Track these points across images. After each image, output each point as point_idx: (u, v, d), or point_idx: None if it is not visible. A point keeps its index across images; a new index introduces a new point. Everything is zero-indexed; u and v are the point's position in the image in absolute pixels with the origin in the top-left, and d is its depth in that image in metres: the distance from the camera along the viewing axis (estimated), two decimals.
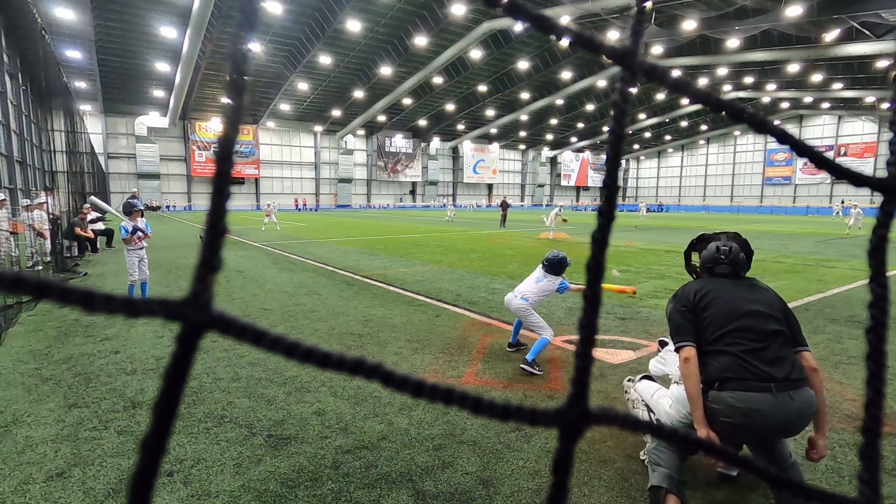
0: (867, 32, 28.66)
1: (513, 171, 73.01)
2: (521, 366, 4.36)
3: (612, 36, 31.64)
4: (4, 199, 8.96)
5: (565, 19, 27.12)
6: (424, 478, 2.76)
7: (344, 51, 36.22)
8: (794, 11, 26.15)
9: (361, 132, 56.62)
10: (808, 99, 48.04)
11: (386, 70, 38.36)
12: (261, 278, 9.02)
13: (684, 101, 53.91)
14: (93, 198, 7.49)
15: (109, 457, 2.92)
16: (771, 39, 32.63)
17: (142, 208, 7.17)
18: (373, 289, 8.13)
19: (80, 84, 36.65)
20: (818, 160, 0.42)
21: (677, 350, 2.35)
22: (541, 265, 4.69)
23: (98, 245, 12.84)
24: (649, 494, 2.37)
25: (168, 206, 45.36)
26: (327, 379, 4.08)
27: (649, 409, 2.80)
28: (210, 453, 2.97)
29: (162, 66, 35.56)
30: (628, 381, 3.18)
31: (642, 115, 57.83)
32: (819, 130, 58.03)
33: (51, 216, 10.14)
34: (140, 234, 6.76)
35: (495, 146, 68.09)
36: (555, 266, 4.57)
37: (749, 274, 2.62)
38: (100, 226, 13.61)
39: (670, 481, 2.26)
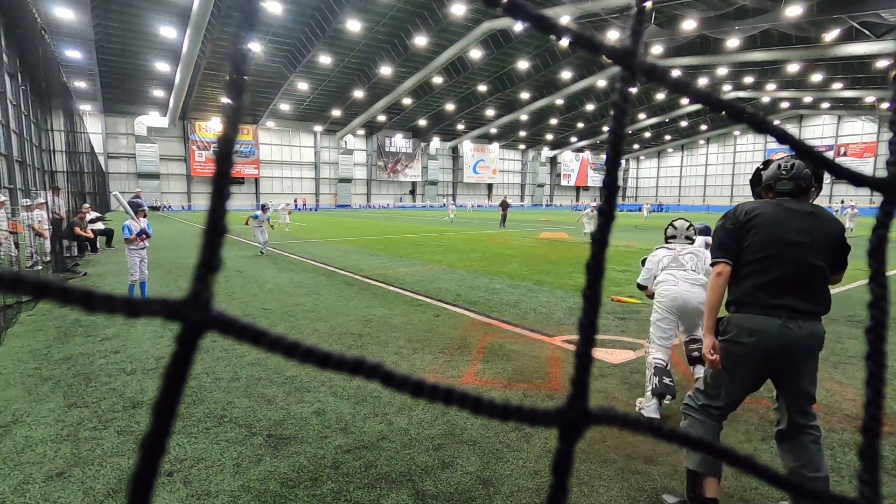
0: (867, 32, 28.67)
1: (513, 171, 73.01)
2: None
3: (612, 36, 31.63)
4: (4, 200, 8.97)
5: (565, 19, 27.12)
6: (424, 478, 2.76)
7: (344, 51, 36.23)
8: (794, 11, 26.16)
9: (361, 132, 56.63)
10: (808, 99, 48.06)
11: (386, 70, 38.37)
12: (261, 278, 9.02)
13: (684, 101, 53.91)
14: (117, 194, 7.50)
15: (109, 457, 2.92)
16: (771, 39, 32.64)
17: (146, 208, 7.18)
18: (373, 289, 8.13)
19: (80, 84, 36.66)
20: (818, 160, 0.42)
21: (713, 264, 2.38)
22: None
23: (98, 245, 12.84)
24: (686, 476, 2.36)
25: (165, 207, 45.32)
26: (327, 379, 4.08)
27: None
28: (210, 453, 2.97)
29: (162, 66, 35.56)
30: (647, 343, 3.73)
31: (642, 115, 57.83)
32: (819, 130, 58.05)
33: (56, 216, 10.15)
34: (144, 234, 6.77)
35: (495, 146, 68.10)
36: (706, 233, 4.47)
37: None
38: (99, 226, 13.61)
39: (707, 464, 2.27)
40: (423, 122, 57.01)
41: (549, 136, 66.55)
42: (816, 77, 40.68)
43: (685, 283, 3.65)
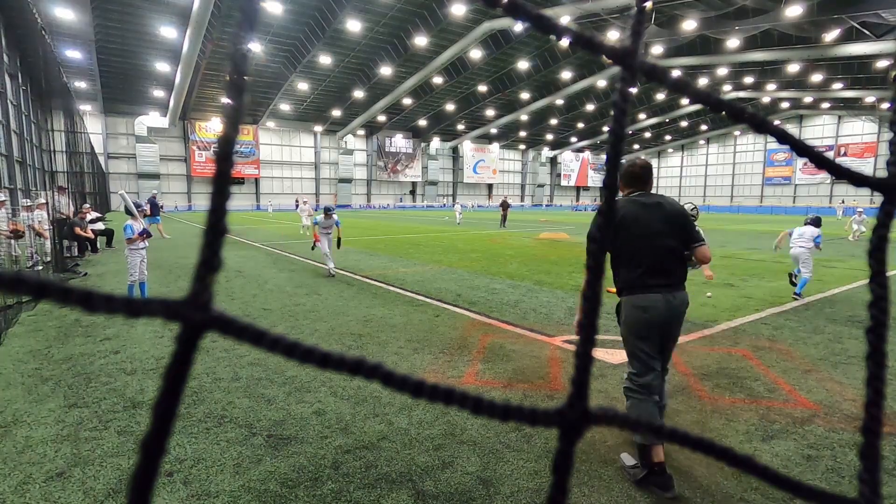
0: (867, 32, 28.67)
1: (513, 171, 73.00)
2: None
3: (612, 36, 31.63)
4: (5, 200, 8.96)
5: (565, 19, 27.12)
6: (424, 478, 2.76)
7: (344, 51, 36.22)
8: (794, 11, 26.15)
9: (361, 132, 56.62)
10: (808, 99, 48.04)
11: (386, 70, 38.36)
12: (261, 278, 9.02)
13: (684, 101, 53.92)
14: (123, 193, 7.52)
15: (109, 457, 2.92)
16: (771, 39, 32.63)
17: (146, 209, 7.20)
18: (373, 289, 8.13)
19: (80, 84, 36.65)
20: (818, 160, 0.42)
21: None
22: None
23: (98, 245, 12.84)
24: (637, 450, 2.81)
25: (174, 208, 45.36)
26: (327, 379, 4.08)
27: None
28: (210, 453, 2.97)
29: (162, 66, 35.55)
30: None
31: (642, 115, 57.82)
32: (819, 130, 58.03)
33: (62, 216, 10.15)
34: (146, 234, 6.78)
35: (495, 146, 68.09)
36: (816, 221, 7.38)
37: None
38: (99, 226, 13.61)
39: (652, 437, 2.61)
40: (423, 123, 57.01)
41: (549, 136, 66.53)
42: (816, 77, 40.67)
43: None
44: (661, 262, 2.82)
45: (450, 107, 51.37)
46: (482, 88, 46.84)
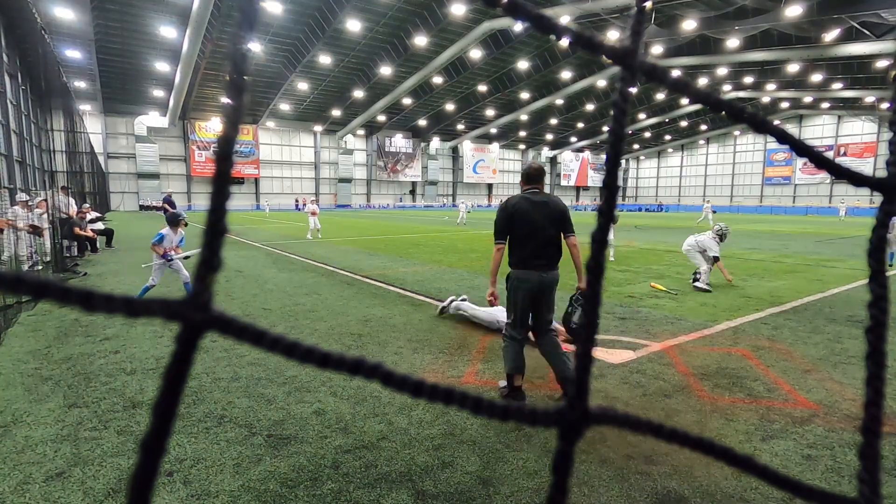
0: (867, 32, 28.67)
1: (513, 171, 72.98)
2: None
3: (612, 36, 31.61)
4: (28, 201, 9.01)
5: (565, 19, 27.10)
6: (424, 478, 2.76)
7: (344, 51, 36.23)
8: (794, 11, 26.15)
9: (361, 132, 56.63)
10: (808, 99, 48.04)
11: (386, 70, 38.36)
12: (261, 278, 9.02)
13: (684, 101, 53.91)
14: (168, 196, 7.52)
15: (109, 457, 2.92)
16: (771, 39, 32.64)
17: (185, 218, 7.16)
18: (373, 289, 8.13)
19: (80, 84, 36.64)
20: (818, 160, 0.42)
21: (497, 243, 3.83)
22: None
23: (98, 245, 12.84)
24: (506, 377, 3.79)
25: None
26: (327, 379, 4.08)
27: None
28: (210, 453, 2.97)
29: (162, 66, 35.56)
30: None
31: (642, 115, 57.82)
32: (819, 130, 58.03)
33: (64, 215, 10.13)
34: (173, 252, 6.79)
35: (495, 146, 68.09)
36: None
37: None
38: (99, 225, 13.61)
39: (515, 367, 3.74)
40: (423, 122, 57.01)
41: (549, 136, 66.53)
42: (816, 77, 40.67)
43: None
44: (542, 246, 3.66)
45: (450, 107, 51.37)
46: (482, 88, 46.84)
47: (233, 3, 28.92)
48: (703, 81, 43.76)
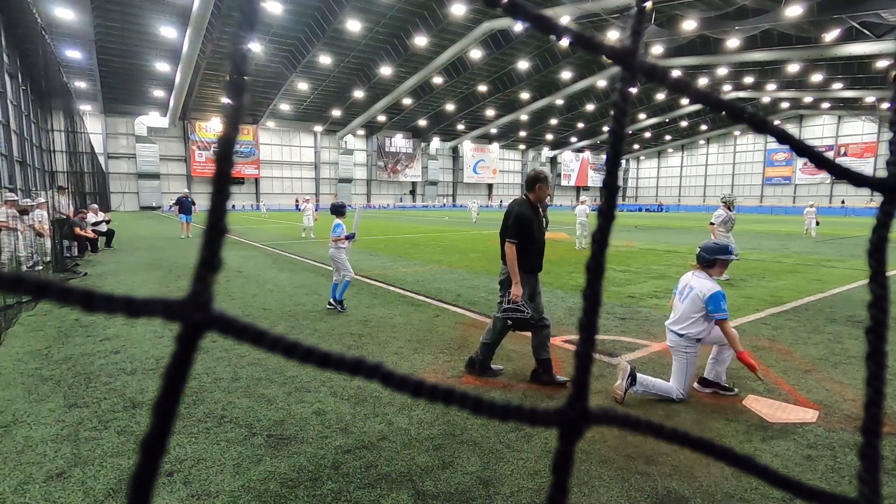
0: (867, 32, 28.67)
1: (513, 171, 73.01)
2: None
3: (612, 36, 31.62)
4: (44, 202, 9.00)
5: (565, 19, 27.11)
6: (424, 478, 2.76)
7: (344, 51, 36.23)
8: (794, 11, 26.15)
9: (361, 132, 56.63)
10: (808, 99, 48.06)
11: (386, 70, 38.37)
12: (261, 278, 9.02)
13: (684, 101, 53.93)
14: (359, 209, 7.30)
15: (109, 457, 2.92)
16: (771, 39, 32.64)
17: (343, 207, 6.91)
18: (373, 289, 8.13)
19: (80, 84, 36.65)
20: (818, 160, 0.42)
21: (510, 242, 3.97)
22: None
23: (98, 245, 12.84)
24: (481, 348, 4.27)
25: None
26: (327, 379, 4.08)
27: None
28: (210, 453, 2.97)
29: (162, 66, 35.56)
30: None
31: (642, 115, 57.82)
32: (819, 130, 58.04)
33: (62, 215, 10.12)
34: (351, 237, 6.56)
35: (495, 146, 68.09)
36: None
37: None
38: (102, 227, 13.61)
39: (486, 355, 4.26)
40: (423, 122, 57.01)
41: (549, 136, 66.53)
42: (816, 77, 40.68)
43: None
44: (542, 250, 4.13)
45: (450, 107, 51.38)
46: (482, 88, 46.85)
47: (233, 3, 28.92)
48: (703, 81, 43.77)
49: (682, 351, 3.78)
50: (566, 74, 43.71)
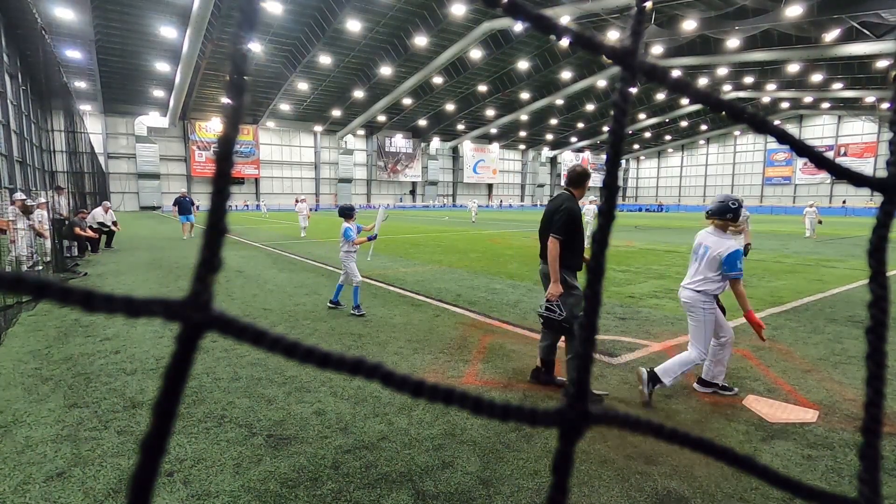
0: (867, 32, 28.67)
1: (513, 171, 73.01)
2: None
3: (612, 36, 31.62)
4: (45, 202, 8.99)
5: (565, 19, 27.10)
6: (424, 478, 2.76)
7: (344, 51, 36.23)
8: (794, 11, 26.16)
9: (361, 132, 56.62)
10: (808, 99, 48.05)
11: (386, 70, 38.37)
12: (261, 278, 9.02)
13: (684, 101, 53.92)
14: (382, 208, 7.43)
15: (109, 457, 2.92)
16: (771, 39, 32.64)
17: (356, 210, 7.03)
18: (373, 289, 8.13)
19: (80, 84, 36.65)
20: (818, 160, 0.42)
21: (556, 237, 3.80)
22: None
23: (99, 245, 12.84)
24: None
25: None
26: (327, 379, 4.08)
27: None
28: (210, 453, 2.97)
29: (162, 66, 35.56)
30: None
31: (642, 115, 57.82)
32: (819, 130, 58.04)
33: (60, 216, 10.11)
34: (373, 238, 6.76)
35: (495, 146, 68.08)
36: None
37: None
38: (109, 217, 13.61)
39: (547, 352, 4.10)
40: (423, 122, 57.01)
41: (549, 136, 66.53)
42: (816, 77, 40.68)
43: None
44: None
45: (450, 107, 51.37)
46: (482, 88, 46.85)
47: (233, 3, 28.93)
48: (703, 81, 43.77)
49: (699, 307, 3.73)
50: (566, 74, 43.71)
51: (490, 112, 53.27)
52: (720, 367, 3.89)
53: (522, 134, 63.54)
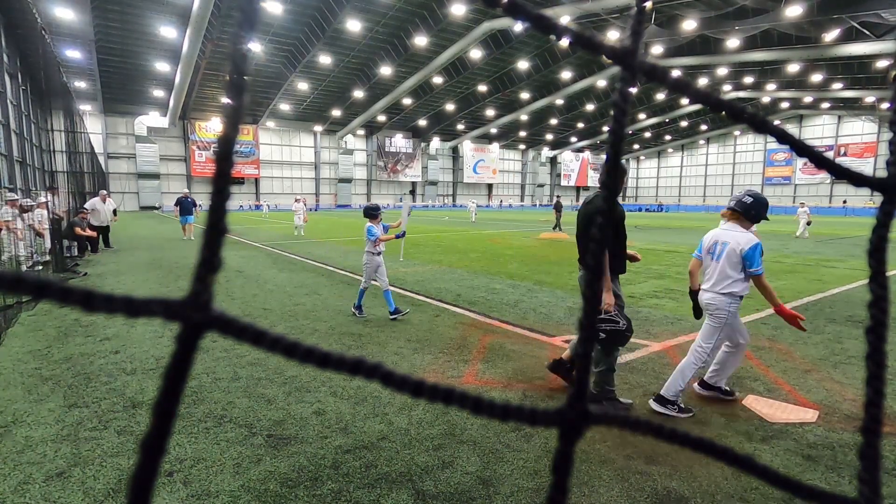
0: (867, 32, 28.67)
1: (513, 171, 73.00)
2: None
3: (612, 36, 31.62)
4: (46, 202, 8.99)
5: (565, 19, 27.10)
6: (424, 478, 2.76)
7: (344, 51, 36.23)
8: (794, 11, 26.16)
9: (361, 132, 56.61)
10: (808, 99, 48.04)
11: (386, 70, 38.36)
12: (261, 278, 9.02)
13: (684, 101, 53.93)
14: (406, 199, 7.38)
15: (109, 457, 2.92)
16: (771, 39, 32.64)
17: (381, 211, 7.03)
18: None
19: (80, 84, 36.65)
20: (818, 160, 0.42)
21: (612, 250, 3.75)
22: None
23: (99, 245, 12.83)
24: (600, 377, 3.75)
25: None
26: (327, 379, 4.08)
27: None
28: (210, 453, 2.97)
29: (162, 66, 35.56)
30: None
31: (642, 115, 57.81)
32: (819, 130, 58.03)
33: (56, 216, 10.10)
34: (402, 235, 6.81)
35: (495, 146, 68.08)
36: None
37: None
38: (110, 204, 13.59)
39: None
40: (423, 122, 57.00)
41: (549, 136, 66.53)
42: (816, 77, 40.68)
43: None
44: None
45: (450, 107, 51.36)
46: (482, 88, 46.84)
47: (233, 3, 28.92)
48: (703, 81, 43.76)
49: (725, 309, 3.48)
50: (566, 74, 43.70)
51: (490, 112, 53.27)
52: (725, 372, 3.78)
53: (522, 134, 63.54)
